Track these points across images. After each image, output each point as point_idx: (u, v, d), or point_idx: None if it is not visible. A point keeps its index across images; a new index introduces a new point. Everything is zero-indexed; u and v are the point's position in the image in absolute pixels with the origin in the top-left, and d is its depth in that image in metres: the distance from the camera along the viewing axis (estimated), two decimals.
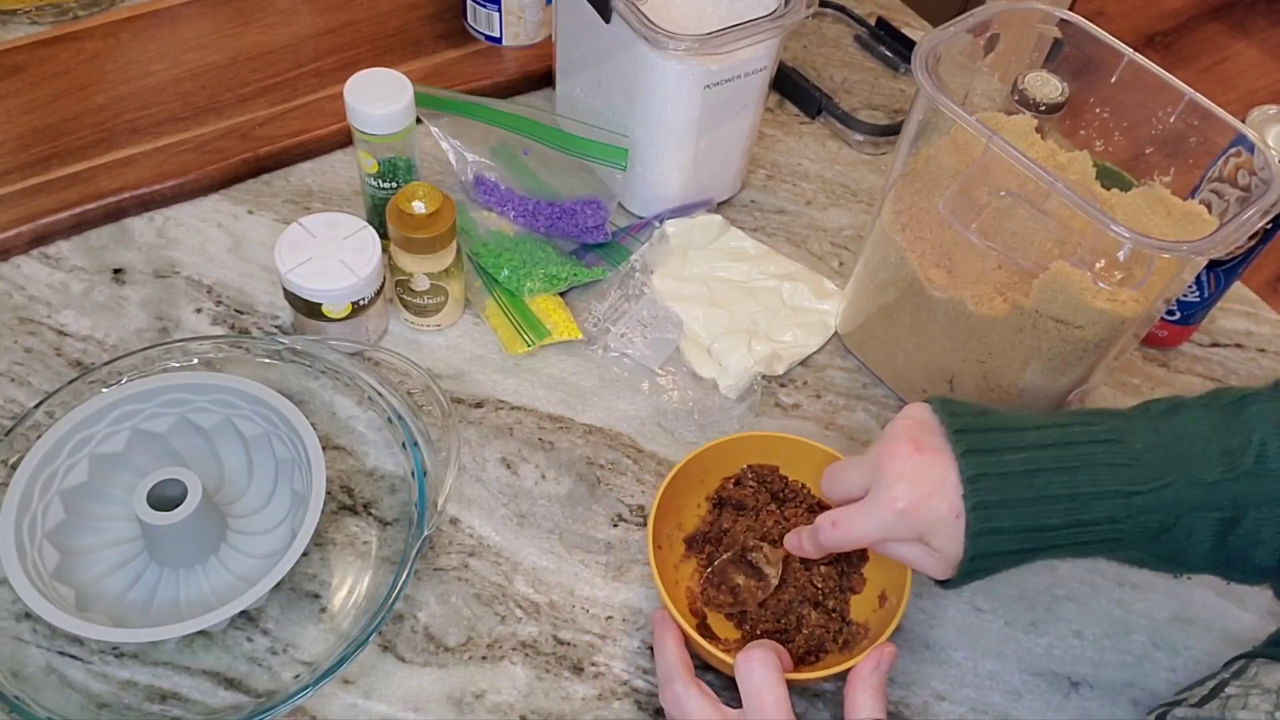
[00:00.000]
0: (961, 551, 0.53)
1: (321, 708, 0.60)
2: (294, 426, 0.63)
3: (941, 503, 0.52)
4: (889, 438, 0.55)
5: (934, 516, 0.53)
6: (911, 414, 0.56)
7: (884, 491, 0.54)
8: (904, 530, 0.54)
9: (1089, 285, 0.60)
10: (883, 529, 0.54)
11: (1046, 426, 0.54)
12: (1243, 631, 0.67)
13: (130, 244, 0.79)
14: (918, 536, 0.54)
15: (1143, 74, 0.66)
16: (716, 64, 0.74)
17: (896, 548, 0.56)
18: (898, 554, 0.56)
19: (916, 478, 0.53)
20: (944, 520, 0.53)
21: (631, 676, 0.63)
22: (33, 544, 0.59)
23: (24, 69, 0.87)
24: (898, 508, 0.53)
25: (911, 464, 0.53)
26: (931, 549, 0.54)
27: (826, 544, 0.57)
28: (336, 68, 0.90)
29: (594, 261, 0.81)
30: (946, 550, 0.53)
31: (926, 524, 0.53)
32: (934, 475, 0.53)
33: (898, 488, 0.53)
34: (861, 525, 0.55)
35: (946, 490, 0.52)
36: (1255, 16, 2.59)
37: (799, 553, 0.61)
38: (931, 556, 0.54)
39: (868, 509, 0.55)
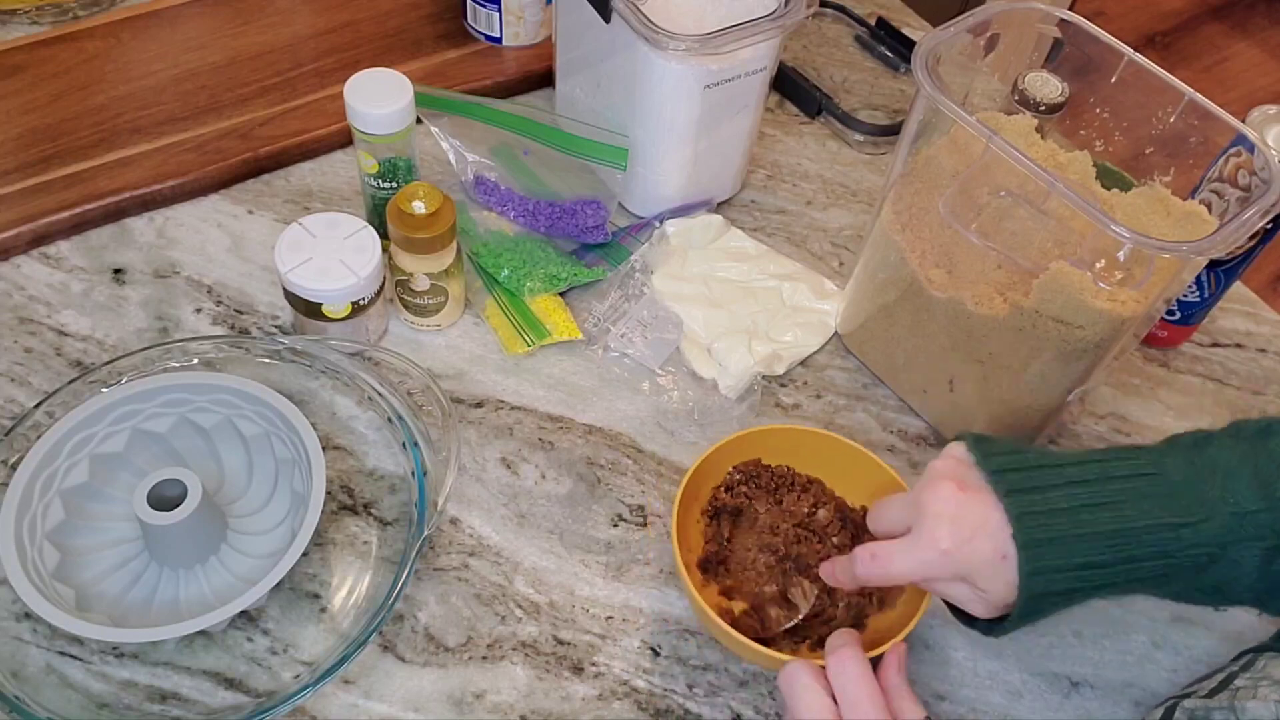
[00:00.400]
0: (1009, 592, 0.52)
1: (321, 708, 0.60)
2: (294, 426, 0.63)
3: (985, 544, 0.52)
4: (932, 477, 0.55)
5: (978, 558, 0.52)
6: (952, 452, 0.56)
7: (926, 531, 0.53)
8: (946, 571, 0.53)
9: (1089, 285, 0.60)
10: (924, 568, 0.54)
11: (1084, 462, 0.54)
12: (1243, 631, 0.67)
13: (130, 244, 0.79)
14: (961, 577, 0.54)
15: (1143, 74, 0.66)
16: (716, 64, 0.74)
17: (940, 586, 0.55)
18: (941, 591, 0.56)
19: (959, 517, 0.53)
20: (988, 562, 0.52)
21: (631, 676, 0.63)
22: (33, 544, 0.59)
23: (24, 69, 0.87)
24: (941, 548, 0.53)
25: (954, 503, 0.53)
26: (977, 589, 0.53)
27: (863, 577, 0.57)
28: (336, 68, 0.90)
29: (594, 261, 0.81)
30: (993, 590, 0.53)
31: (969, 565, 0.53)
32: (977, 515, 0.53)
33: (941, 528, 0.53)
34: (901, 562, 0.55)
35: (990, 531, 0.52)
36: (1255, 16, 2.59)
37: (834, 583, 0.60)
38: (976, 596, 0.54)
39: (909, 547, 0.54)
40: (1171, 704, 0.58)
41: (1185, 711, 0.57)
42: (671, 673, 0.63)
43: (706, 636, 0.64)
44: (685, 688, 0.62)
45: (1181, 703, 0.57)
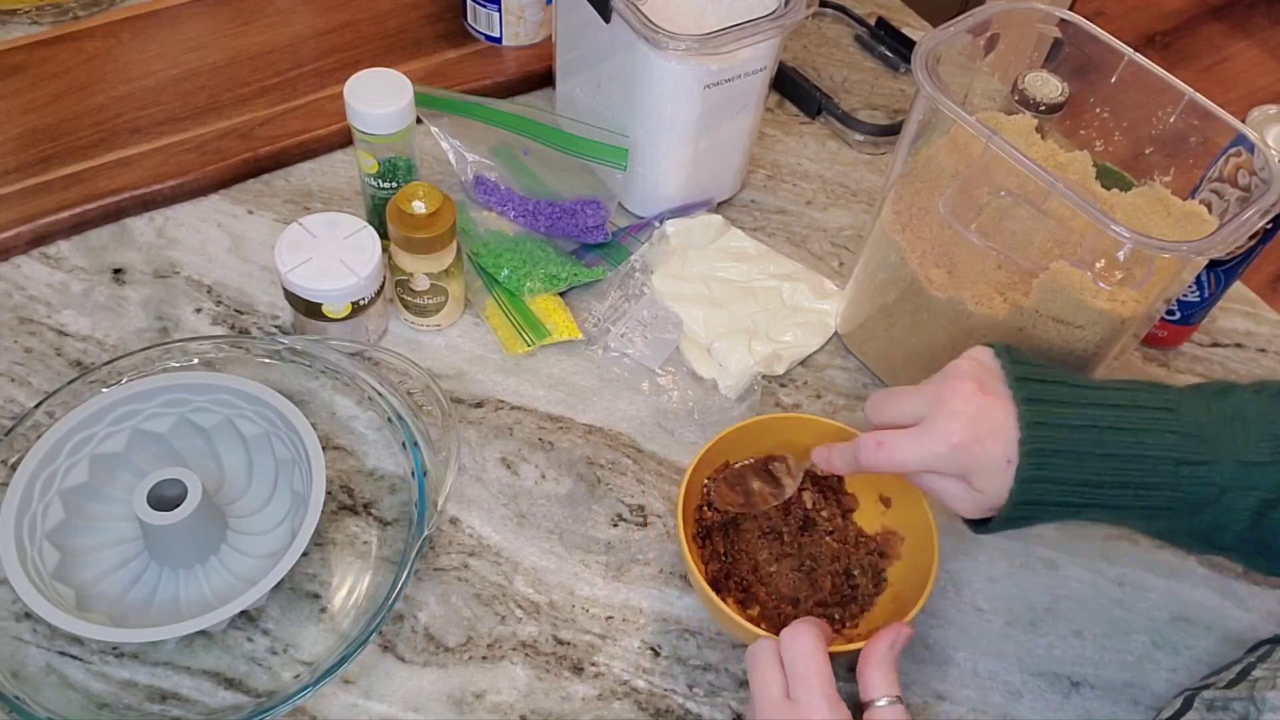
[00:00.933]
0: (1003, 497, 0.53)
1: (321, 708, 0.60)
2: (294, 426, 0.63)
3: (995, 445, 0.53)
4: (953, 375, 0.55)
5: (985, 457, 0.53)
6: (975, 355, 0.57)
7: (940, 424, 0.54)
8: (950, 465, 0.54)
9: (1089, 285, 0.60)
10: (930, 459, 0.54)
11: (1108, 388, 0.55)
12: (1243, 631, 0.67)
13: (130, 244, 0.79)
14: (961, 474, 0.54)
15: (1143, 74, 0.66)
16: (716, 64, 0.74)
17: (935, 480, 0.56)
18: (935, 486, 0.56)
19: (976, 416, 0.53)
20: (994, 462, 0.53)
21: (631, 676, 0.63)
22: (33, 544, 0.59)
23: (24, 69, 0.87)
24: (952, 442, 0.53)
25: (974, 404, 0.54)
26: (973, 489, 0.54)
27: (866, 463, 0.57)
28: (336, 68, 0.90)
29: (594, 261, 0.81)
30: (989, 492, 0.54)
31: (975, 463, 0.53)
32: (992, 418, 0.53)
33: (955, 423, 0.53)
34: (909, 451, 0.55)
35: (1002, 435, 0.53)
36: (1255, 16, 2.59)
37: (827, 466, 0.60)
38: (970, 496, 0.55)
39: (918, 437, 0.55)
40: (1189, 695, 0.58)
41: (1204, 702, 0.57)
42: (671, 673, 0.63)
43: (707, 636, 0.64)
44: (685, 688, 0.62)
45: (1200, 694, 0.58)
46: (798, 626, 0.55)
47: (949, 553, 0.69)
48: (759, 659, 0.55)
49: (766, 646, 0.56)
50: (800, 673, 0.54)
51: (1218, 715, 0.56)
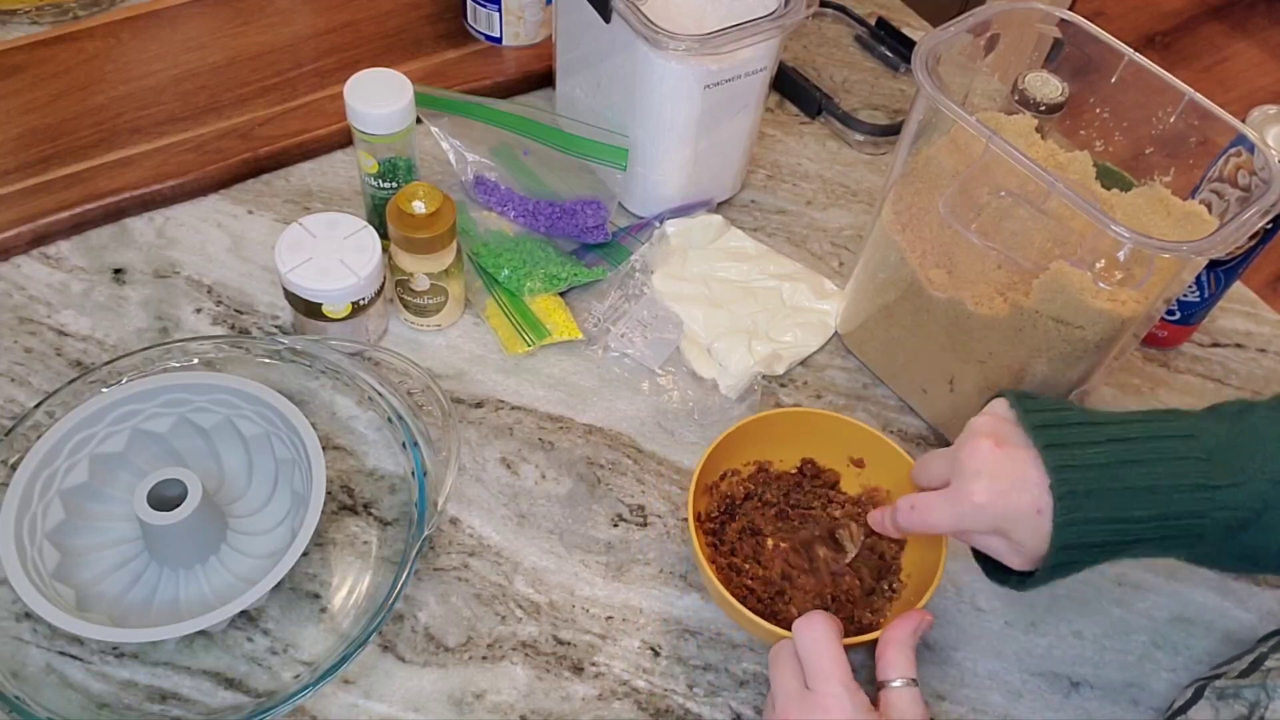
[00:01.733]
0: (1044, 545, 0.54)
1: (321, 708, 0.60)
2: (294, 426, 0.63)
3: (1022, 497, 0.53)
4: (971, 433, 0.57)
5: (1014, 511, 0.54)
6: (993, 410, 0.58)
7: (964, 485, 0.55)
8: (981, 523, 0.55)
9: (1089, 285, 0.60)
10: (959, 520, 0.56)
11: (1125, 422, 0.55)
12: (1243, 632, 0.67)
13: (130, 244, 0.79)
14: (996, 530, 0.55)
15: (1143, 74, 0.66)
16: (716, 64, 0.74)
17: (977, 538, 0.57)
18: (977, 544, 0.58)
19: (996, 472, 0.54)
20: (1025, 515, 0.53)
21: (631, 676, 0.63)
22: (33, 544, 0.59)
23: (24, 69, 0.87)
24: (976, 501, 0.54)
25: (991, 459, 0.54)
26: (1012, 542, 0.55)
27: (904, 526, 0.59)
28: (336, 68, 0.90)
29: (594, 261, 0.81)
30: (1028, 544, 0.54)
31: (1005, 518, 0.54)
32: (1014, 470, 0.54)
33: (977, 483, 0.54)
34: (939, 514, 0.57)
35: (1027, 485, 0.53)
36: (1255, 16, 2.59)
37: (880, 529, 0.62)
38: (1011, 549, 0.55)
39: (946, 500, 0.56)
40: (1201, 684, 0.59)
41: (1215, 691, 0.58)
42: (671, 673, 0.63)
43: (707, 636, 0.64)
44: (685, 688, 0.62)
45: (1212, 683, 0.58)
46: (810, 618, 0.56)
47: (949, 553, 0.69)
48: (779, 658, 0.56)
49: (787, 646, 0.57)
50: (815, 663, 0.54)
51: (1229, 704, 0.57)
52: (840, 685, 0.53)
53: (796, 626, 0.56)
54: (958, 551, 0.69)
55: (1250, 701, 0.55)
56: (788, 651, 0.56)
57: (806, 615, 0.56)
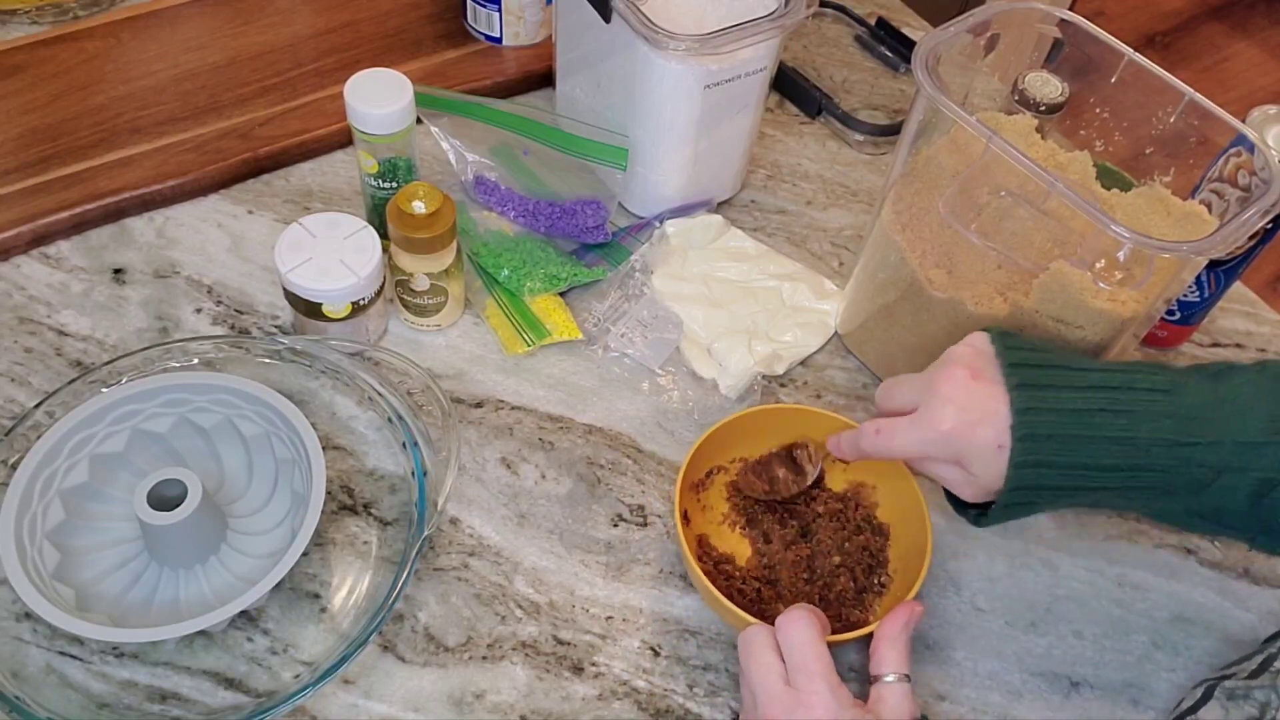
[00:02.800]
0: (999, 481, 0.54)
1: (321, 708, 0.60)
2: (294, 426, 0.63)
3: (987, 431, 0.54)
4: (947, 361, 0.57)
5: (977, 443, 0.54)
6: (972, 342, 0.58)
7: (932, 411, 0.55)
8: (943, 451, 0.55)
9: (1089, 285, 0.60)
10: (922, 445, 0.56)
11: (1107, 370, 0.55)
12: (1243, 632, 0.67)
13: (130, 244, 0.79)
14: (956, 459, 0.55)
15: (1143, 74, 0.66)
16: (716, 64, 0.74)
17: (933, 466, 0.57)
18: (933, 472, 0.58)
19: (967, 403, 0.54)
20: (986, 448, 0.54)
21: (631, 676, 0.63)
22: (33, 544, 0.59)
23: (24, 69, 0.87)
24: (942, 429, 0.54)
25: (964, 390, 0.55)
26: (970, 473, 0.55)
27: (867, 449, 0.59)
28: (336, 68, 0.90)
29: (594, 261, 0.81)
30: (983, 477, 0.55)
31: (967, 449, 0.54)
32: (984, 404, 0.54)
33: (945, 410, 0.55)
34: (903, 438, 0.57)
35: (994, 420, 0.54)
36: (1255, 16, 2.59)
37: (838, 454, 0.62)
38: (967, 480, 0.56)
39: (913, 424, 0.56)
40: (1210, 685, 0.59)
41: (1225, 691, 0.58)
42: (671, 673, 0.63)
43: (707, 636, 0.64)
44: (685, 688, 0.62)
45: (1221, 684, 0.58)
46: (793, 613, 0.55)
47: (948, 552, 0.69)
48: (754, 646, 0.55)
49: (760, 633, 0.56)
50: (799, 660, 0.54)
51: (1239, 705, 0.57)
52: (824, 682, 0.53)
53: (780, 622, 0.55)
54: (957, 552, 0.69)
55: (1261, 702, 0.56)
56: (762, 642, 0.55)
57: (789, 610, 0.56)
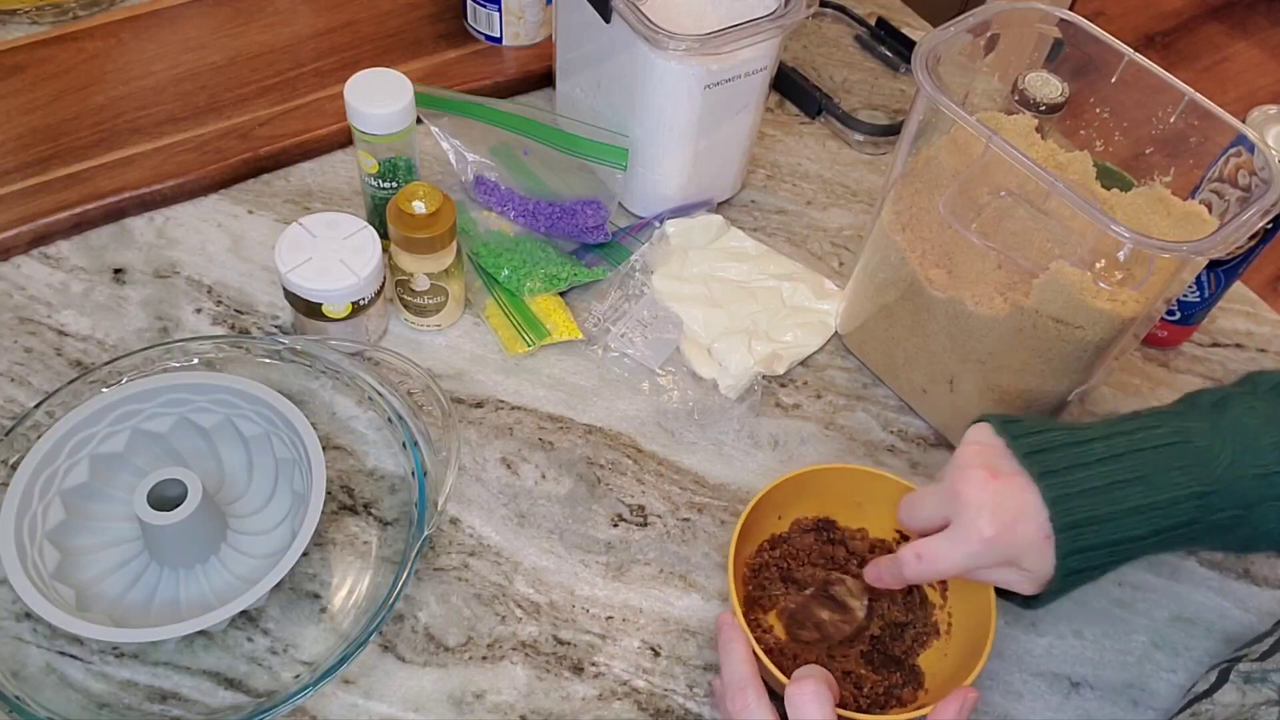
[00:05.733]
0: (1051, 569, 0.53)
1: (321, 708, 0.60)
2: (294, 426, 0.63)
3: (1028, 526, 0.53)
4: (961, 465, 0.55)
5: (1023, 541, 0.53)
6: (977, 438, 0.57)
7: (968, 523, 0.54)
8: (991, 558, 0.54)
9: (1089, 285, 0.60)
10: (969, 560, 0.54)
11: (1111, 436, 0.55)
12: (1243, 632, 0.67)
13: (130, 244, 0.79)
14: (1006, 561, 0.54)
15: (1143, 74, 0.66)
16: (716, 64, 0.74)
17: (985, 574, 0.56)
18: (987, 579, 0.56)
19: (997, 504, 0.53)
20: (1033, 543, 0.53)
21: (631, 676, 0.63)
22: (33, 544, 0.59)
23: (24, 69, 0.87)
24: (985, 536, 0.53)
25: (990, 491, 0.53)
26: (1023, 569, 0.54)
27: (911, 577, 0.57)
28: (336, 68, 0.90)
29: (594, 261, 0.81)
30: (1039, 570, 0.54)
31: (1014, 550, 0.53)
32: (1015, 500, 0.53)
33: (981, 518, 0.53)
34: (948, 557, 0.55)
35: (1030, 514, 0.53)
36: (1255, 16, 2.59)
37: (879, 584, 0.60)
38: (1022, 576, 0.55)
39: (953, 540, 0.55)
40: (1224, 668, 0.59)
41: (1241, 675, 0.58)
42: (671, 673, 0.63)
43: (707, 636, 0.64)
44: (685, 688, 0.62)
45: (1235, 666, 0.58)
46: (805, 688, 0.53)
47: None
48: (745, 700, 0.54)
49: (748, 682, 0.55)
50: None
51: (1256, 687, 0.57)
52: None
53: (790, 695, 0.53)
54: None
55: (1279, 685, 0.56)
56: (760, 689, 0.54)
57: (800, 682, 0.53)
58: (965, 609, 0.63)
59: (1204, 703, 0.59)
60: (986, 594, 0.60)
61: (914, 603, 0.64)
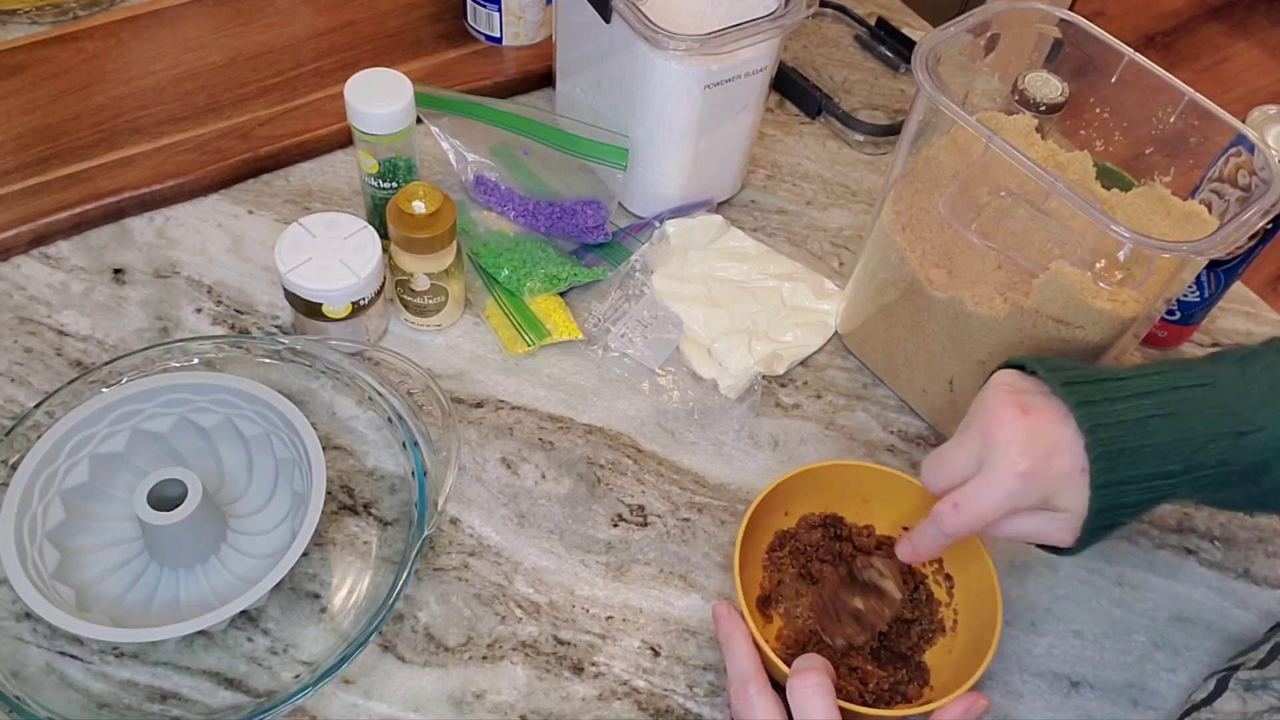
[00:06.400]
0: (1084, 510, 0.52)
1: (321, 708, 0.60)
2: (294, 426, 0.63)
3: (1063, 459, 0.52)
4: (989, 407, 0.54)
5: (1058, 474, 0.52)
6: (1002, 380, 0.55)
7: (1001, 460, 0.52)
8: (1030, 496, 0.52)
9: (1089, 285, 0.60)
10: (1009, 498, 0.52)
11: (1144, 375, 0.54)
12: (1243, 632, 0.67)
13: (130, 244, 0.79)
14: (1042, 500, 0.53)
15: (1143, 74, 0.66)
16: (716, 64, 0.74)
17: (1020, 522, 0.54)
18: (1020, 529, 0.54)
19: (1030, 439, 0.52)
20: (1068, 476, 0.52)
21: (631, 676, 0.63)
22: (33, 544, 0.59)
23: (24, 69, 0.87)
24: (1019, 470, 0.51)
25: (1022, 427, 0.52)
26: (1057, 510, 0.53)
27: (952, 530, 0.54)
28: (336, 68, 0.90)
29: (594, 261, 0.81)
30: (1074, 508, 0.52)
31: (1050, 484, 0.52)
32: (1048, 433, 0.52)
33: (1014, 451, 0.52)
34: (987, 499, 0.53)
35: (1065, 446, 0.52)
36: (1255, 16, 2.59)
37: (915, 558, 0.59)
38: (1057, 521, 0.53)
39: (988, 482, 0.53)
40: (1222, 676, 0.58)
41: (1240, 683, 0.57)
42: (671, 673, 0.63)
43: (707, 636, 0.64)
44: (685, 688, 0.62)
45: (1234, 674, 0.58)
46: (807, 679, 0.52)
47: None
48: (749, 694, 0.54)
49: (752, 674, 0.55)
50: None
51: (1257, 695, 0.57)
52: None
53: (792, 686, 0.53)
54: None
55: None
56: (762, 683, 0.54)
57: (801, 673, 0.53)
58: (971, 607, 0.63)
59: (1204, 711, 0.59)
60: (993, 593, 0.60)
61: (920, 599, 0.64)
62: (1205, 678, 0.61)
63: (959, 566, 0.65)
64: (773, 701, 0.54)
